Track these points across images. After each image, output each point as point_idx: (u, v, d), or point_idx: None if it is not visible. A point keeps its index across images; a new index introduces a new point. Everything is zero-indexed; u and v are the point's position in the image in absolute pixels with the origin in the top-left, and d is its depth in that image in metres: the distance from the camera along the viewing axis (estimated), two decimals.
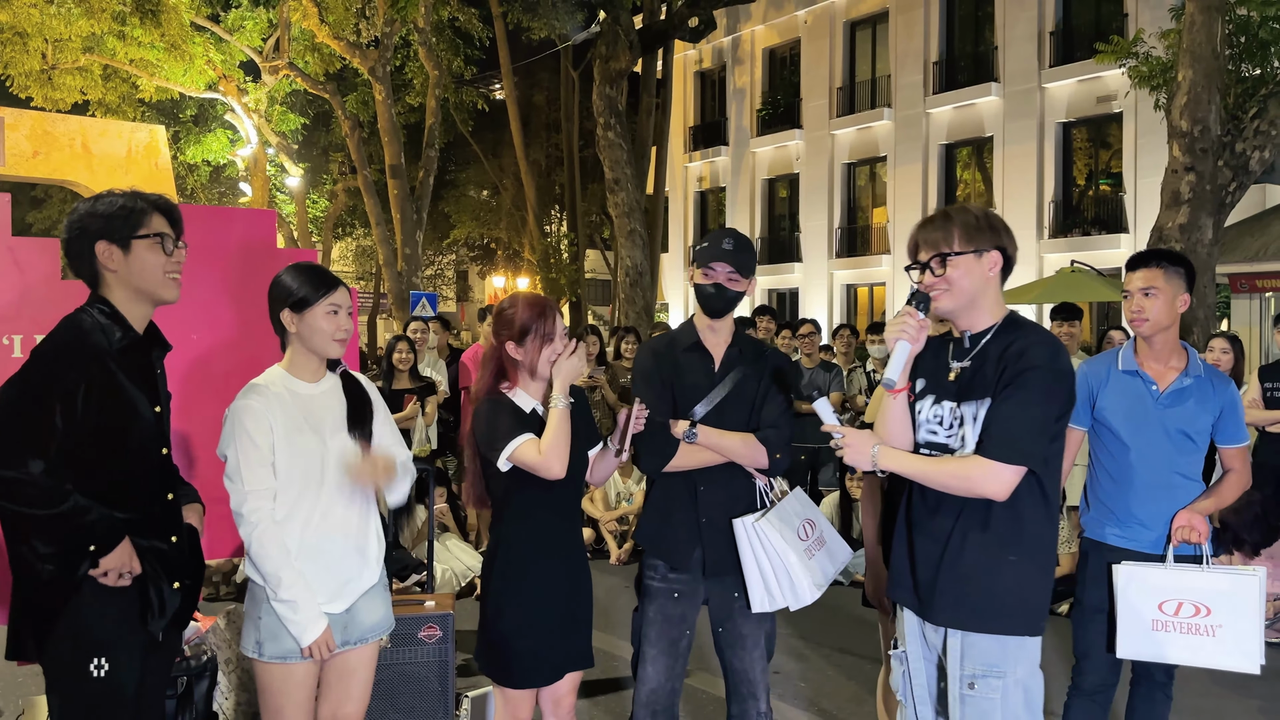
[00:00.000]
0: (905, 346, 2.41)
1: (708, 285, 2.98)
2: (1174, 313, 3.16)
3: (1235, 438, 3.20)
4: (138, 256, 2.45)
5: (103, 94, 21.25)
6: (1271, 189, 17.76)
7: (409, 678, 3.64)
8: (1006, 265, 2.45)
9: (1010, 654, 2.39)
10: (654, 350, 3.11)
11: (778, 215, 27.01)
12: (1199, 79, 9.18)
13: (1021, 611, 2.40)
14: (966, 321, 2.50)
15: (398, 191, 19.58)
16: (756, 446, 2.95)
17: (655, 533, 3.05)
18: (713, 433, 2.94)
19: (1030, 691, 2.42)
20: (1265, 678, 4.91)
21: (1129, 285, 3.23)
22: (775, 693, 4.71)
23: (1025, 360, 2.34)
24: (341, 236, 34.32)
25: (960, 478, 2.36)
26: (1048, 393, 2.34)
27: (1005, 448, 2.31)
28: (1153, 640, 3.05)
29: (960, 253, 2.41)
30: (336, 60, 20.90)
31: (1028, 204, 20.80)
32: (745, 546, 2.88)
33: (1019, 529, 2.40)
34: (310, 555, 2.68)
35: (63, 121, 11.46)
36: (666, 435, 2.95)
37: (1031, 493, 2.38)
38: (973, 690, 2.39)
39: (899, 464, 2.44)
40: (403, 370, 6.83)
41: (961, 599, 2.42)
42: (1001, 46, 21.36)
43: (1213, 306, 9.77)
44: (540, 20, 22.90)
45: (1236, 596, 2.97)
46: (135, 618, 2.44)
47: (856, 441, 2.44)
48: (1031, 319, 8.09)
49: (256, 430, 2.63)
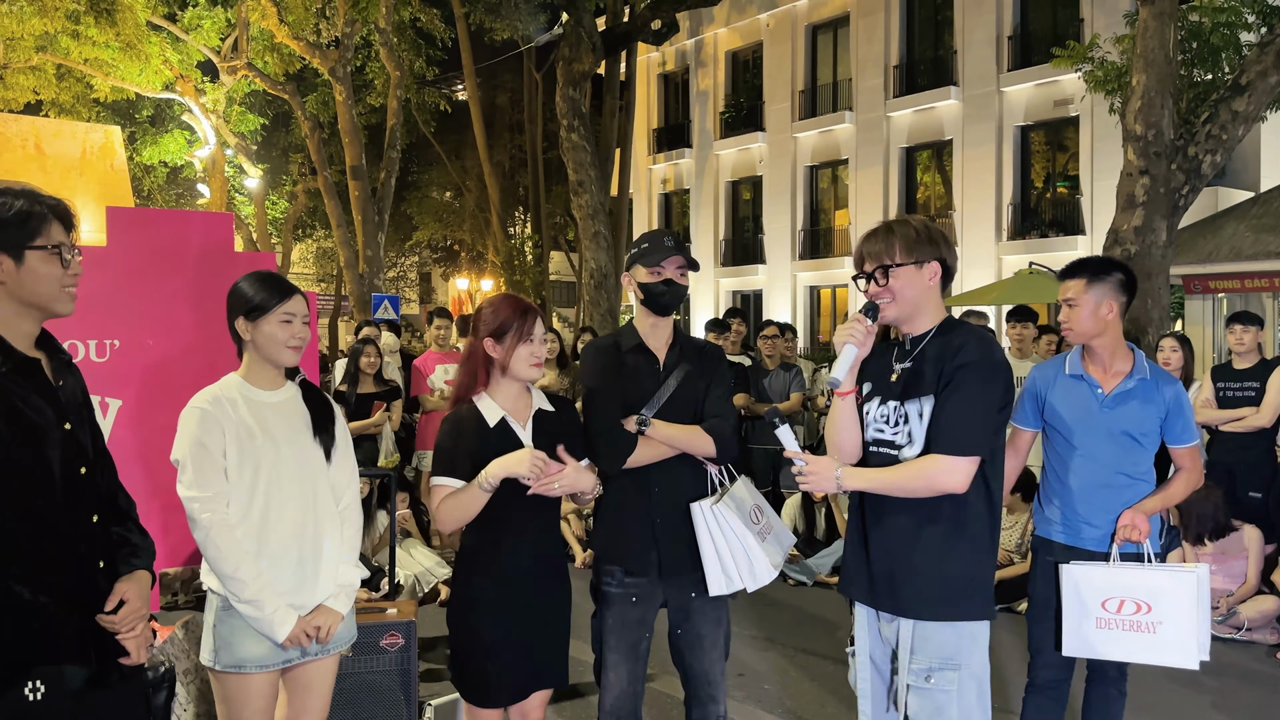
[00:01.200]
0: (852, 350, 2.54)
1: (658, 284, 3.00)
2: (1100, 320, 3.21)
3: (1184, 437, 3.27)
4: (31, 269, 2.16)
5: (56, 94, 20.90)
6: (1224, 192, 18.12)
7: (371, 686, 3.61)
8: (946, 274, 2.59)
9: (965, 645, 2.49)
10: (600, 350, 3.12)
11: (741, 217, 27.13)
12: (1152, 84, 9.35)
13: (972, 597, 2.51)
14: (907, 327, 2.63)
15: (359, 193, 19.41)
16: (705, 437, 2.99)
17: (609, 538, 3.05)
18: (664, 426, 2.97)
19: (982, 682, 2.51)
20: (1219, 673, 5.04)
21: (1059, 296, 3.32)
22: (739, 695, 4.74)
23: (961, 357, 2.48)
24: (302, 238, 33.97)
25: (921, 478, 2.46)
26: (986, 386, 2.46)
27: (956, 442, 2.43)
28: (1097, 638, 3.11)
29: (901, 264, 2.54)
30: (296, 60, 20.68)
31: (987, 206, 21.06)
32: (703, 530, 2.91)
33: (967, 518, 2.51)
34: (264, 562, 2.65)
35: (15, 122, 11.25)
36: (623, 432, 2.96)
37: (975, 484, 2.49)
38: (929, 683, 2.47)
39: (863, 482, 2.54)
40: (368, 375, 6.77)
41: (916, 590, 2.51)
42: (961, 51, 21.61)
43: (1167, 308, 9.94)
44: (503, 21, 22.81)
45: (1176, 594, 3.03)
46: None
47: (819, 468, 2.54)
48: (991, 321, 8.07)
49: (207, 435, 2.60)
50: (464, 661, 2.86)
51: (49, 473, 2.15)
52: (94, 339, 3.92)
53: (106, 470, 2.37)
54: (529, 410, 2.91)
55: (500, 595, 2.82)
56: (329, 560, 2.78)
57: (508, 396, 2.89)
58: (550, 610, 2.90)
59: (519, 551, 2.84)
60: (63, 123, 14.61)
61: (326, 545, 2.78)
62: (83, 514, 2.22)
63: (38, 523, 2.12)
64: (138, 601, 2.26)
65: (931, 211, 22.62)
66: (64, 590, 2.15)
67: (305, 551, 2.73)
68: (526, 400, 2.92)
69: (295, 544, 2.71)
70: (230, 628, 2.63)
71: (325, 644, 2.77)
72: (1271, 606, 5.54)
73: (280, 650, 2.66)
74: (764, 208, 25.82)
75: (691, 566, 2.97)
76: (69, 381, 2.29)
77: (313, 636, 2.69)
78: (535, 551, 2.87)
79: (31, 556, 2.10)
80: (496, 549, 2.81)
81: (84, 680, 2.16)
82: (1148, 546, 3.18)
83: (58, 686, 2.10)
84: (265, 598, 2.60)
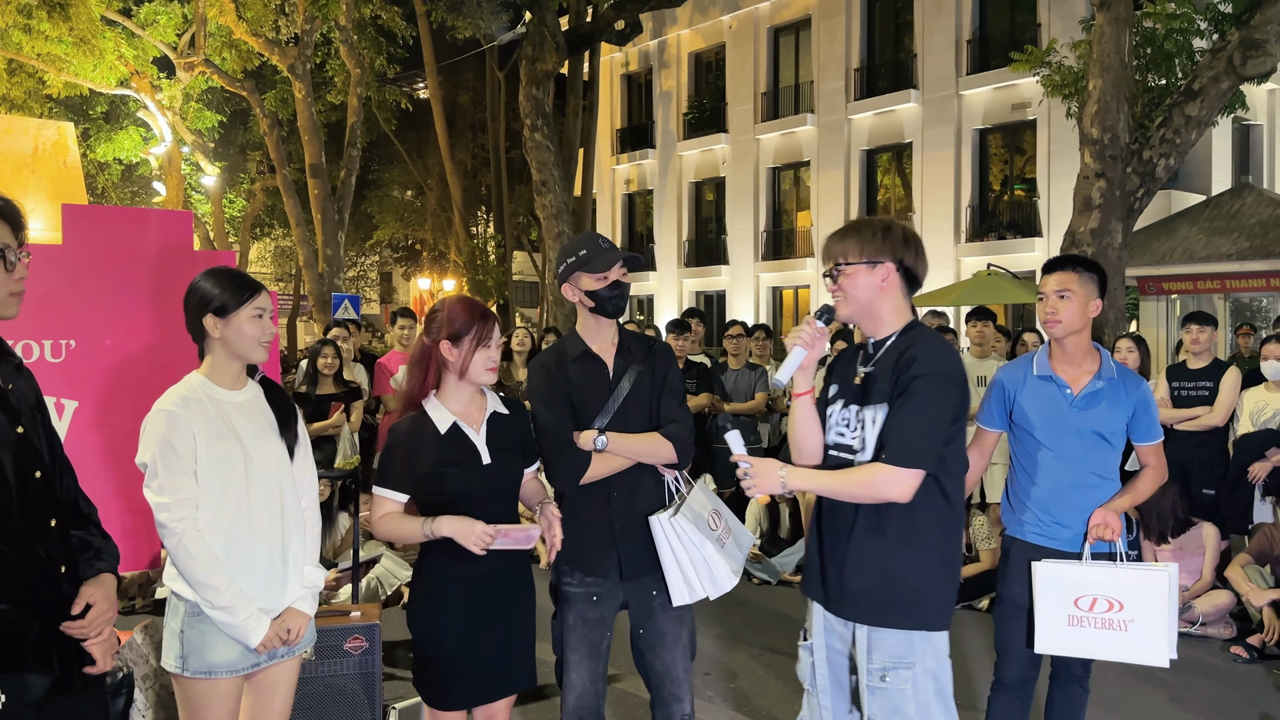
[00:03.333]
0: (800, 352, 2.58)
1: (604, 289, 2.96)
2: (1086, 316, 3.25)
3: (1150, 435, 3.30)
4: None
5: (7, 89, 20.49)
6: (1176, 195, 18.46)
7: (334, 690, 3.57)
8: (910, 278, 2.58)
9: (917, 646, 2.49)
10: (544, 365, 3.05)
11: (705, 218, 27.20)
12: (1108, 88, 9.50)
13: (921, 608, 2.50)
14: (869, 329, 2.63)
15: (318, 191, 19.21)
16: (663, 444, 2.98)
17: (569, 544, 2.99)
18: (620, 438, 2.94)
19: (940, 679, 2.51)
20: (1176, 668, 5.10)
21: (1044, 287, 3.30)
22: (705, 694, 4.75)
23: (916, 368, 2.46)
24: (260, 237, 33.57)
25: (863, 485, 2.46)
26: (938, 397, 2.44)
27: (903, 453, 2.41)
28: (1069, 635, 3.14)
29: (853, 263, 2.55)
30: (255, 57, 20.42)
31: (946, 208, 21.29)
32: (663, 542, 2.89)
33: (918, 527, 2.49)
34: (234, 566, 2.60)
35: None
36: (575, 449, 2.93)
37: (930, 493, 2.48)
38: (884, 683, 2.48)
39: (807, 482, 2.56)
40: (327, 375, 6.69)
41: (863, 594, 2.52)
42: (921, 54, 21.82)
43: (1123, 309, 10.11)
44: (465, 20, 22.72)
45: (1147, 592, 3.06)
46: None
47: (763, 470, 2.53)
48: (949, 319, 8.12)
49: (177, 438, 2.54)
50: (424, 664, 2.84)
51: (2, 477, 2.06)
52: (49, 339, 3.84)
53: (65, 475, 2.30)
54: (483, 414, 2.88)
55: (462, 596, 2.80)
56: (296, 562, 2.75)
57: (460, 400, 2.86)
58: (514, 611, 2.88)
59: (478, 558, 2.78)
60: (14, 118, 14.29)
61: (293, 546, 2.74)
62: (40, 519, 2.14)
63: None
64: (104, 604, 2.20)
65: (891, 213, 22.82)
66: (24, 596, 2.09)
67: (274, 554, 2.69)
68: (480, 403, 2.89)
69: (265, 546, 2.67)
70: (200, 633, 2.58)
71: (293, 646, 2.73)
72: (1225, 601, 5.65)
73: (250, 654, 2.63)
74: (727, 209, 25.91)
75: (652, 568, 2.96)
76: (19, 385, 2.20)
77: (284, 639, 2.66)
78: (498, 552, 2.83)
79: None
80: (458, 548, 2.78)
81: (46, 688, 2.09)
82: (1120, 545, 3.21)
83: (19, 696, 2.05)
84: (238, 604, 2.56)
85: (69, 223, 3.94)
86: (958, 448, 2.54)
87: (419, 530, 2.73)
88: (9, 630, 2.05)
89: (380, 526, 2.83)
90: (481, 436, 2.84)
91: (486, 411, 2.89)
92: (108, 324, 3.96)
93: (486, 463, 2.82)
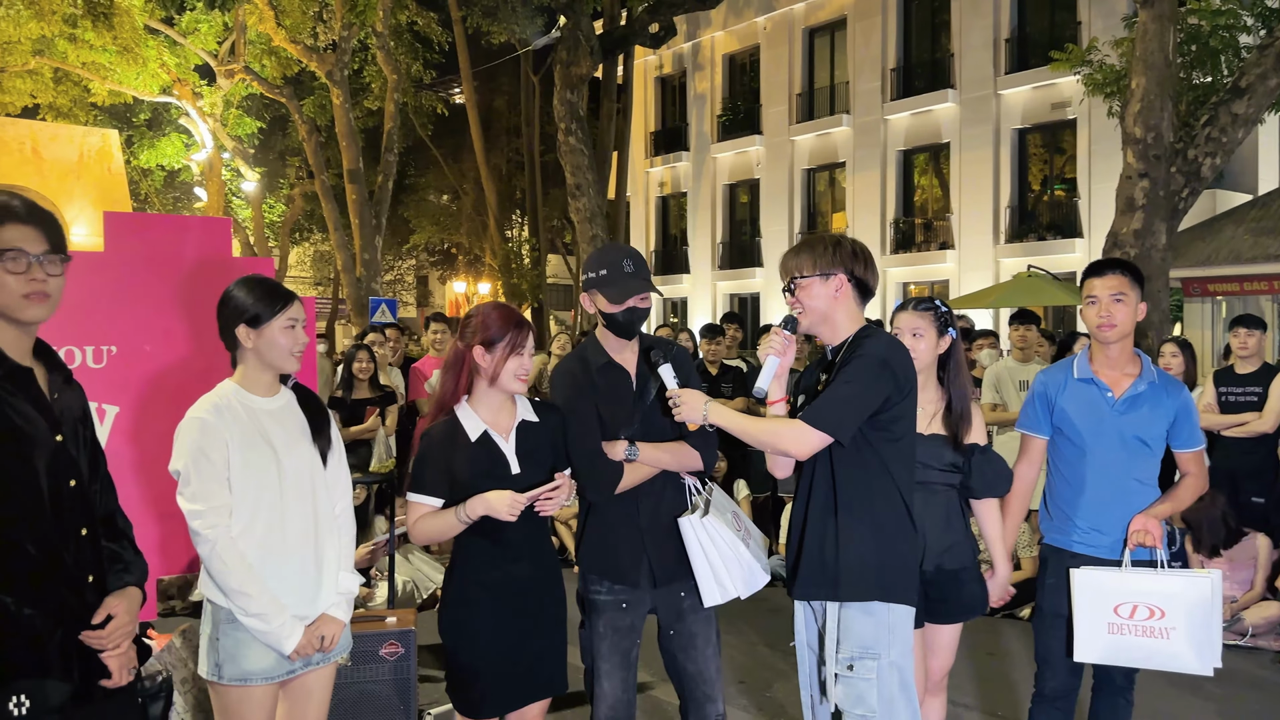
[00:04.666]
0: (774, 361, 2.72)
1: (620, 314, 2.96)
2: (1135, 320, 3.20)
3: (1190, 442, 3.23)
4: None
5: (54, 98, 20.88)
6: (1222, 194, 18.12)
7: (370, 696, 3.58)
8: (862, 289, 2.73)
9: (883, 636, 2.59)
10: (570, 374, 3.04)
11: (739, 220, 27.11)
12: (1151, 86, 9.33)
13: (880, 577, 2.60)
14: (827, 337, 2.78)
15: (356, 196, 19.39)
16: (690, 453, 2.99)
17: (598, 554, 3.01)
18: (650, 448, 2.95)
19: (904, 672, 2.62)
20: (1223, 681, 5.00)
21: (1096, 291, 3.22)
22: (739, 703, 4.70)
23: (858, 351, 2.63)
24: (299, 241, 33.94)
25: (770, 433, 2.65)
26: (867, 375, 2.57)
27: (817, 415, 2.57)
28: (1109, 644, 3.07)
29: (807, 277, 2.70)
30: (294, 64, 20.65)
31: (984, 209, 21.05)
32: (694, 544, 2.90)
33: (867, 505, 2.62)
34: (268, 573, 2.61)
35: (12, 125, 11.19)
36: (608, 460, 2.92)
37: (876, 472, 2.62)
38: (851, 672, 2.59)
39: (726, 420, 2.70)
40: (363, 380, 6.73)
41: (820, 571, 2.64)
42: (958, 54, 21.60)
43: (1166, 311, 9.93)
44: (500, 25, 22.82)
45: (1190, 598, 2.99)
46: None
47: (690, 400, 2.73)
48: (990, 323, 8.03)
49: (210, 445, 2.56)
50: (456, 672, 2.83)
51: (35, 483, 2.08)
52: (91, 345, 3.88)
53: (105, 490, 2.31)
54: (512, 421, 2.87)
55: (493, 602, 2.79)
56: (330, 568, 2.75)
57: (490, 408, 2.85)
58: (545, 616, 2.87)
59: (512, 556, 2.81)
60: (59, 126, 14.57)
61: (328, 553, 2.75)
62: (71, 526, 2.15)
63: (23, 533, 2.06)
64: (125, 617, 2.20)
65: (929, 214, 22.63)
66: (50, 603, 2.10)
67: (308, 560, 2.70)
68: (510, 410, 2.89)
69: (298, 553, 2.68)
70: (235, 640, 2.59)
71: (328, 652, 2.74)
72: (1276, 613, 5.52)
73: (285, 661, 2.63)
74: (761, 211, 25.80)
75: (684, 574, 2.95)
76: (66, 396, 2.22)
77: (318, 646, 2.66)
78: (529, 556, 2.84)
79: (16, 567, 2.05)
80: (489, 554, 2.78)
81: (67, 696, 2.10)
82: (1160, 552, 3.14)
83: (42, 701, 2.05)
84: (272, 611, 2.57)
85: (110, 230, 3.98)
86: (895, 435, 2.63)
87: (455, 521, 2.74)
88: (33, 635, 2.06)
89: (417, 530, 2.83)
90: (511, 445, 2.83)
91: (516, 419, 2.88)
92: (148, 330, 3.99)
93: (516, 472, 2.81)
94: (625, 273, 2.95)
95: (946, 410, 3.31)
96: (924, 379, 3.34)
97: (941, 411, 3.31)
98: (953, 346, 3.33)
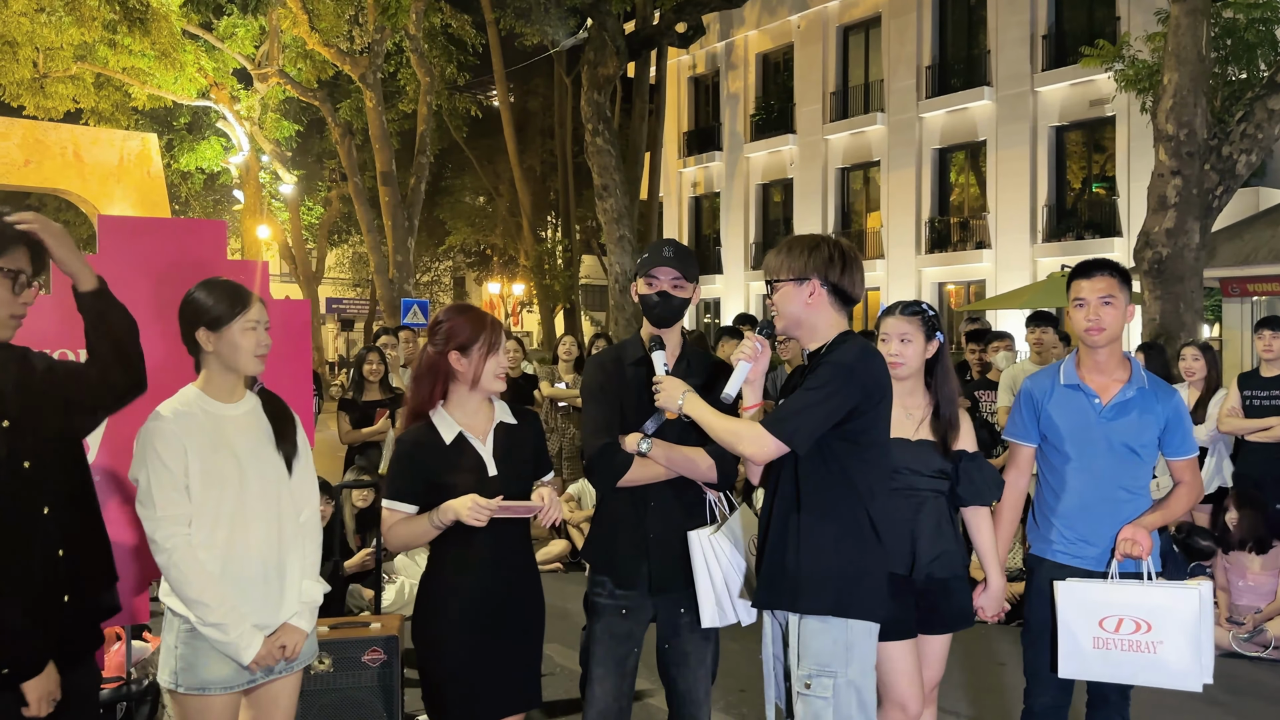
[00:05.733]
0: (744, 366, 2.70)
1: (652, 294, 2.96)
2: (1124, 323, 3.10)
3: (1183, 449, 3.12)
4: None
5: (95, 102, 21.25)
6: (1265, 192, 17.67)
7: (353, 702, 3.56)
8: (839, 294, 2.66)
9: (840, 653, 2.54)
10: (601, 365, 3.06)
11: (772, 220, 26.94)
12: (1184, 82, 9.11)
13: (827, 591, 2.54)
14: (804, 342, 2.75)
15: (389, 199, 19.55)
16: (706, 460, 2.91)
17: (602, 549, 3.00)
18: (665, 447, 2.89)
19: (863, 691, 2.56)
20: (1243, 693, 4.86)
21: (1084, 294, 3.11)
22: (740, 711, 4.65)
23: (827, 358, 2.60)
24: (337, 244, 34.30)
25: (732, 433, 2.62)
26: (831, 386, 2.53)
27: (774, 421, 2.55)
28: (1094, 658, 2.98)
29: (782, 280, 2.68)
30: (329, 67, 20.86)
31: (1021, 208, 20.73)
32: (699, 560, 2.86)
33: (830, 517, 2.56)
34: (228, 581, 2.59)
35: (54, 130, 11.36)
36: (617, 450, 2.88)
37: (842, 484, 2.56)
38: (808, 689, 2.54)
39: (697, 413, 2.69)
40: (373, 382, 6.75)
41: (779, 581, 2.59)
42: (994, 50, 21.29)
43: (1200, 311, 9.68)
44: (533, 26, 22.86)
45: (1177, 612, 2.89)
46: None
47: (669, 387, 2.72)
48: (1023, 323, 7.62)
49: (168, 453, 2.54)
50: (430, 682, 2.80)
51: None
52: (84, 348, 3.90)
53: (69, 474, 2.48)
54: (489, 424, 2.83)
55: (464, 611, 2.75)
56: (293, 577, 2.72)
57: (466, 411, 2.82)
58: (519, 627, 2.83)
59: (486, 565, 2.76)
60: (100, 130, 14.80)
61: (291, 561, 2.72)
62: (30, 505, 2.30)
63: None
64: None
65: (965, 213, 22.33)
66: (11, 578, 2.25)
67: (270, 569, 2.67)
68: (487, 413, 2.85)
69: (260, 562, 2.65)
70: (194, 649, 2.57)
71: (290, 661, 2.72)
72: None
73: (244, 671, 2.61)
74: (795, 210, 25.62)
75: (683, 584, 2.90)
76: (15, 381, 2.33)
77: (279, 657, 2.64)
78: (504, 565, 2.80)
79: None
80: (461, 562, 2.74)
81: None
82: (1148, 564, 3.04)
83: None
84: (230, 621, 2.54)
85: (104, 233, 4.01)
86: (862, 445, 2.57)
87: (428, 526, 2.70)
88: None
89: (391, 536, 2.80)
90: (488, 447, 2.80)
91: (494, 422, 2.84)
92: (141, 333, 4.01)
93: (493, 474, 2.78)
94: (663, 256, 2.98)
95: (934, 416, 3.24)
96: (912, 384, 3.28)
97: (929, 417, 3.24)
98: (940, 351, 3.26)
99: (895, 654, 3.06)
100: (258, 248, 24.21)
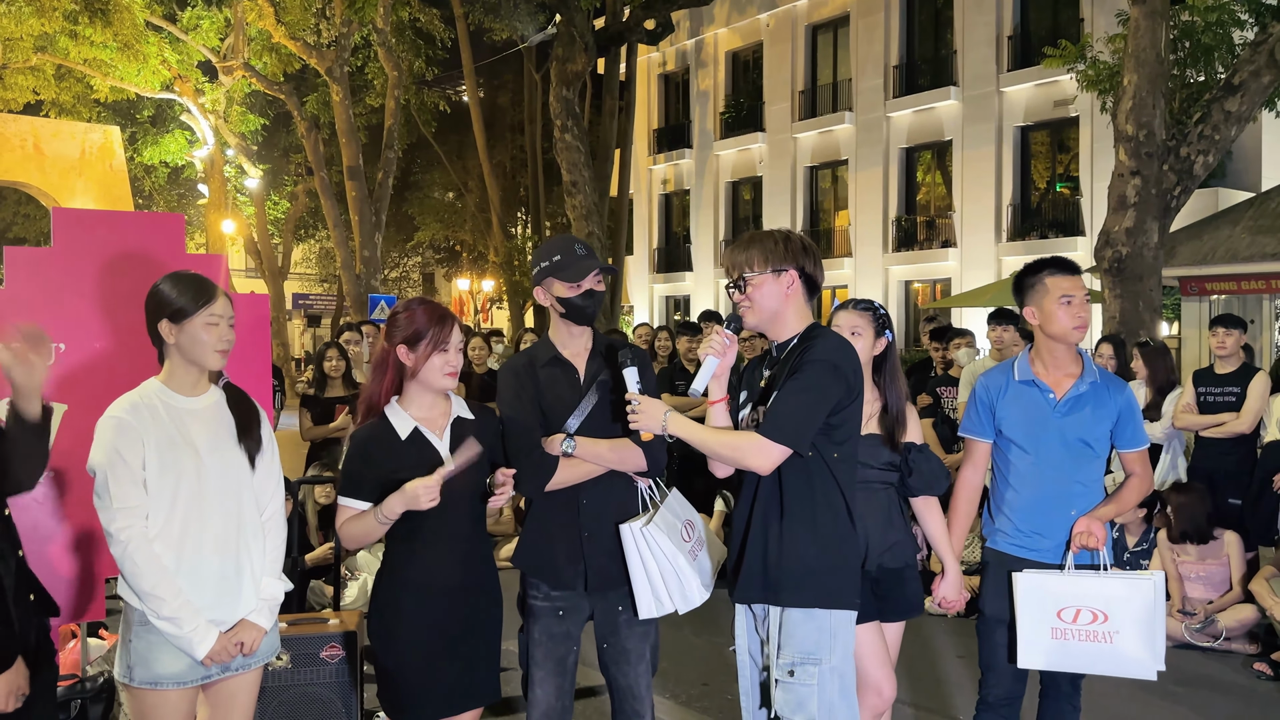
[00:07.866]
0: (713, 361, 2.69)
1: (577, 297, 2.91)
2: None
3: (1134, 442, 3.18)
4: None
5: (56, 94, 20.89)
6: (1224, 192, 17.96)
7: (311, 699, 3.54)
8: (810, 285, 2.70)
9: (825, 641, 2.56)
10: (514, 371, 3.00)
11: (741, 218, 27.03)
12: (1143, 83, 9.25)
13: (812, 584, 2.56)
14: (774, 335, 2.74)
15: (356, 193, 19.38)
16: (633, 450, 2.90)
17: (534, 553, 2.96)
18: (589, 443, 2.88)
19: (845, 677, 2.60)
20: (1196, 684, 4.96)
21: (1073, 291, 3.12)
22: (701, 705, 4.67)
23: (808, 354, 2.59)
24: (304, 239, 33.98)
25: (732, 448, 2.59)
26: (820, 381, 2.54)
27: (775, 427, 2.53)
28: (1052, 649, 3.02)
29: (758, 273, 2.67)
30: (295, 61, 20.65)
31: (986, 207, 20.95)
32: (633, 552, 2.84)
33: (812, 508, 2.58)
34: (185, 576, 2.57)
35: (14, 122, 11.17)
36: (543, 454, 2.87)
37: (821, 476, 2.58)
38: (791, 678, 2.55)
39: (685, 431, 2.65)
40: (335, 378, 6.71)
41: (763, 574, 2.60)
42: (960, 51, 21.49)
43: (1158, 310, 9.84)
44: (502, 21, 22.78)
45: (1133, 602, 2.94)
46: None
47: (649, 409, 2.66)
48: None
49: (125, 446, 2.52)
50: (385, 678, 2.79)
51: None
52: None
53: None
54: (446, 419, 2.81)
55: (417, 606, 2.74)
56: (252, 573, 2.71)
57: (422, 406, 2.80)
58: (476, 622, 2.81)
59: (442, 559, 2.75)
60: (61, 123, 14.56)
61: (250, 558, 2.70)
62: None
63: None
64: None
65: (931, 212, 22.52)
66: None
67: (227, 565, 2.65)
68: (444, 408, 2.83)
69: (217, 557, 2.63)
70: (147, 643, 2.55)
71: (249, 657, 2.70)
72: (1250, 616, 5.44)
73: (199, 666, 2.59)
74: (764, 208, 25.72)
75: (619, 581, 2.89)
76: None
77: (235, 653, 2.63)
78: (460, 560, 2.78)
79: None
80: (419, 557, 2.73)
81: None
82: (1103, 555, 3.09)
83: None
84: (184, 615, 2.52)
85: (59, 226, 3.95)
86: (842, 437, 2.61)
87: (374, 524, 2.68)
88: None
89: (344, 533, 2.79)
90: (445, 442, 2.78)
91: (450, 416, 2.83)
92: (98, 328, 3.97)
93: (450, 469, 2.76)
94: (579, 255, 2.92)
95: (883, 411, 3.29)
96: None
97: (878, 413, 3.28)
98: (888, 350, 3.31)
99: (863, 638, 3.08)
100: (223, 242, 23.93)
